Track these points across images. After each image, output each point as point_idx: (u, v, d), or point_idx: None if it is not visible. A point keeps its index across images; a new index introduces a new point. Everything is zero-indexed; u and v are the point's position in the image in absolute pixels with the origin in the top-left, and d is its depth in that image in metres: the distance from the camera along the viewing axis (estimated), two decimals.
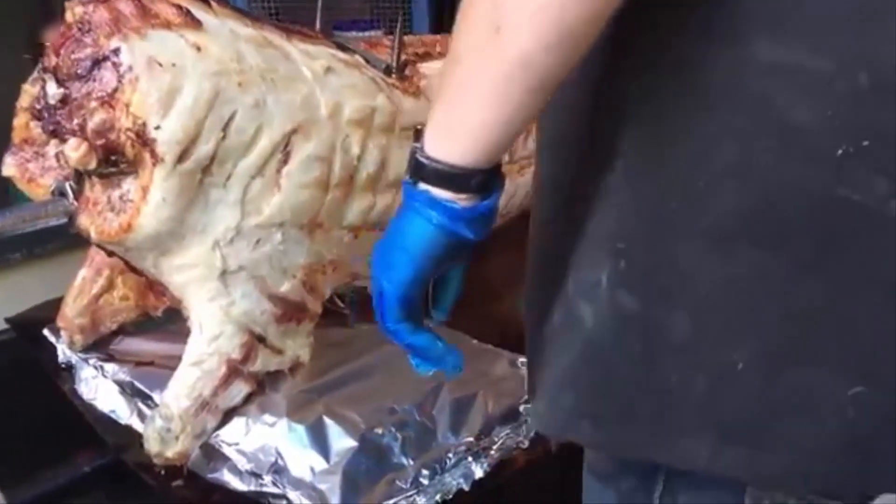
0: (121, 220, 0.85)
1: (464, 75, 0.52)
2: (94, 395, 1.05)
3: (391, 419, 0.93)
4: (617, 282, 0.57)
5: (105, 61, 0.82)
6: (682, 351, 0.56)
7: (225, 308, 0.90)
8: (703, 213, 0.53)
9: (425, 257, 0.57)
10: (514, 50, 0.49)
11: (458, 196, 0.55)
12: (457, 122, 0.53)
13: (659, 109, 0.54)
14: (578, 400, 0.60)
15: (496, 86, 0.50)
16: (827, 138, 0.50)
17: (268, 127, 0.88)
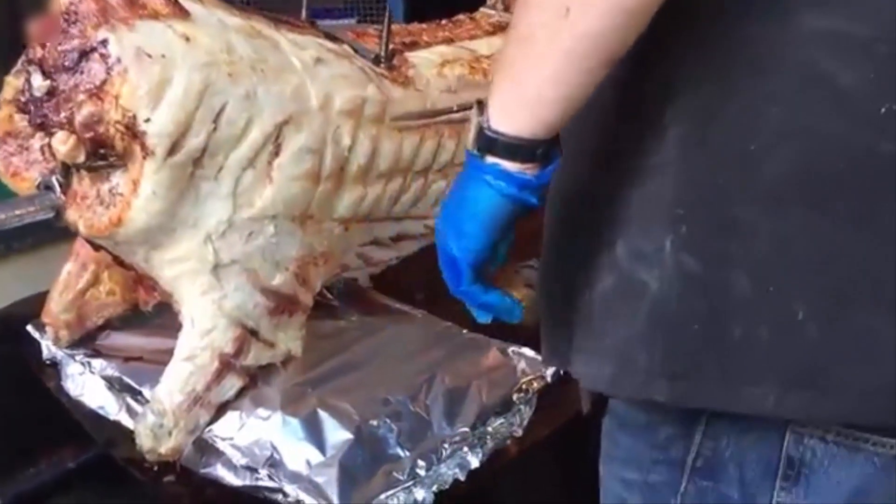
0: (110, 214, 0.84)
1: (532, 53, 0.56)
2: (82, 392, 1.04)
3: (385, 410, 0.93)
4: (680, 246, 0.60)
5: (93, 53, 0.80)
6: (744, 306, 0.59)
7: (217, 302, 0.90)
8: (756, 176, 0.57)
9: (495, 225, 0.62)
10: (581, 30, 0.53)
11: (525, 166, 0.60)
12: (524, 98, 0.57)
13: (709, 80, 0.57)
14: (652, 361, 0.63)
15: (564, 64, 0.54)
16: (870, 98, 0.54)
17: (258, 118, 0.87)
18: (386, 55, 1.03)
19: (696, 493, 0.67)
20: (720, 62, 0.57)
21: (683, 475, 0.68)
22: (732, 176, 0.58)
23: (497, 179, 0.60)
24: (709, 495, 0.67)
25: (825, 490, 0.64)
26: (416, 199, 1.07)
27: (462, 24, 1.22)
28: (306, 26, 1.00)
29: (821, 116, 0.55)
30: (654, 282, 0.61)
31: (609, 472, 0.75)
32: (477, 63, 1.11)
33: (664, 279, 0.61)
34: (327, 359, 1.02)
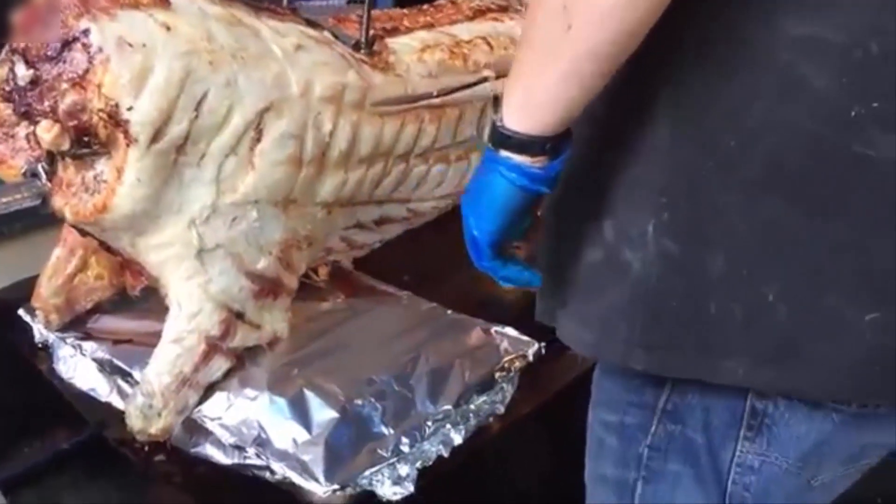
0: (95, 201, 0.86)
1: (539, 63, 0.61)
2: (73, 374, 1.06)
3: (370, 390, 0.96)
4: (662, 231, 0.66)
5: (75, 42, 0.82)
6: (719, 286, 0.65)
7: (203, 286, 0.92)
8: (737, 168, 0.62)
9: (509, 210, 0.68)
10: (582, 45, 0.58)
11: (535, 159, 0.65)
12: (534, 101, 0.63)
13: (698, 79, 0.62)
14: (631, 332, 0.68)
15: (567, 73, 0.60)
16: (843, 101, 0.58)
17: (240, 105, 0.89)
18: (366, 41, 1.04)
19: (664, 435, 0.73)
20: (709, 64, 0.62)
21: (654, 417, 0.73)
22: (714, 167, 0.63)
23: (510, 171, 0.65)
24: (676, 439, 0.73)
25: (786, 442, 0.69)
26: (397, 183, 1.09)
27: (443, 9, 1.23)
28: (287, 13, 1.01)
29: (797, 116, 0.59)
30: (636, 262, 0.67)
31: (593, 415, 0.80)
32: (457, 48, 1.12)
33: (646, 260, 0.66)
34: (314, 340, 1.04)
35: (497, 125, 0.65)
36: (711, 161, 0.63)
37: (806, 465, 0.70)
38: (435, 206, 1.18)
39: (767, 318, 0.64)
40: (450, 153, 1.14)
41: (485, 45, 1.16)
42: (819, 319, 0.63)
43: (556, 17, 0.58)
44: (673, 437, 0.72)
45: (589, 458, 0.82)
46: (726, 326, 0.65)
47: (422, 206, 1.16)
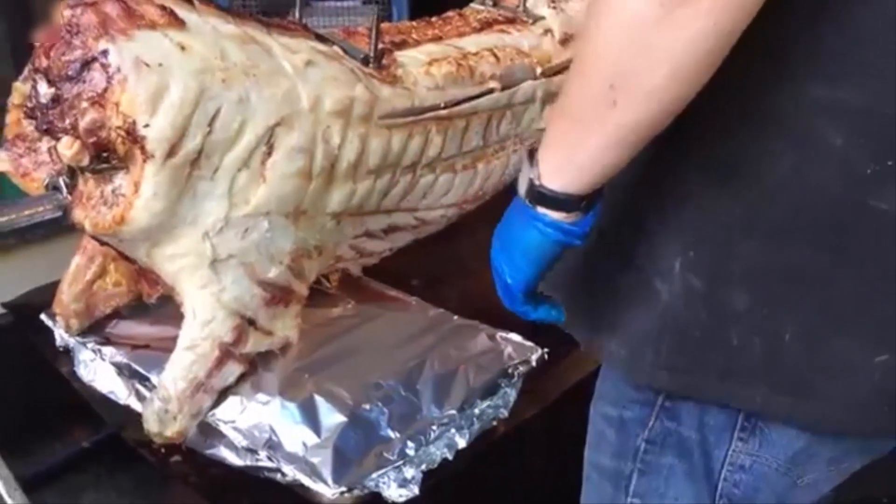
0: (114, 214, 0.89)
1: (580, 132, 0.65)
2: (93, 377, 1.10)
3: (377, 394, 0.99)
4: (688, 268, 0.70)
5: (94, 62, 0.85)
6: (740, 321, 0.69)
7: (216, 294, 0.95)
8: (761, 217, 0.66)
9: (543, 261, 0.72)
10: (626, 120, 0.61)
11: (569, 215, 0.69)
12: (574, 164, 0.66)
13: (727, 137, 0.67)
14: (657, 357, 0.73)
15: (609, 143, 0.63)
16: (859, 160, 0.62)
17: (252, 121, 0.92)
18: (375, 55, 1.07)
19: (661, 430, 0.77)
20: (737, 125, 0.66)
21: (653, 414, 0.78)
22: (740, 215, 0.67)
23: (546, 227, 0.69)
24: (672, 435, 0.77)
25: (777, 445, 0.73)
26: (405, 193, 1.12)
27: (451, 21, 1.25)
28: (298, 29, 1.04)
29: (817, 173, 0.64)
30: (665, 292, 0.72)
31: (595, 408, 0.85)
32: (464, 60, 1.15)
33: (673, 292, 0.71)
34: (323, 345, 1.08)
35: (535, 183, 0.68)
36: (738, 209, 0.67)
37: (794, 465, 0.74)
38: (442, 214, 1.21)
39: (784, 355, 0.69)
40: (456, 163, 1.17)
41: (491, 56, 1.19)
42: (831, 359, 0.68)
43: (602, 93, 0.61)
44: (669, 433, 0.77)
45: (588, 448, 0.86)
46: (746, 357, 0.70)
47: (429, 215, 1.19)
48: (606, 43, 0.60)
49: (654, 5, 0.56)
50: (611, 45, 0.60)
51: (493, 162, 1.22)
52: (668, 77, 0.58)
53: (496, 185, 1.25)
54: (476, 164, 1.20)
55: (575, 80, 0.64)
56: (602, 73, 0.61)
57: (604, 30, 0.60)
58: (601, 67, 0.61)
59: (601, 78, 0.61)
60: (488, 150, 1.21)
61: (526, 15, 1.31)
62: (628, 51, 0.58)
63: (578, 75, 0.64)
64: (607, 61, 0.60)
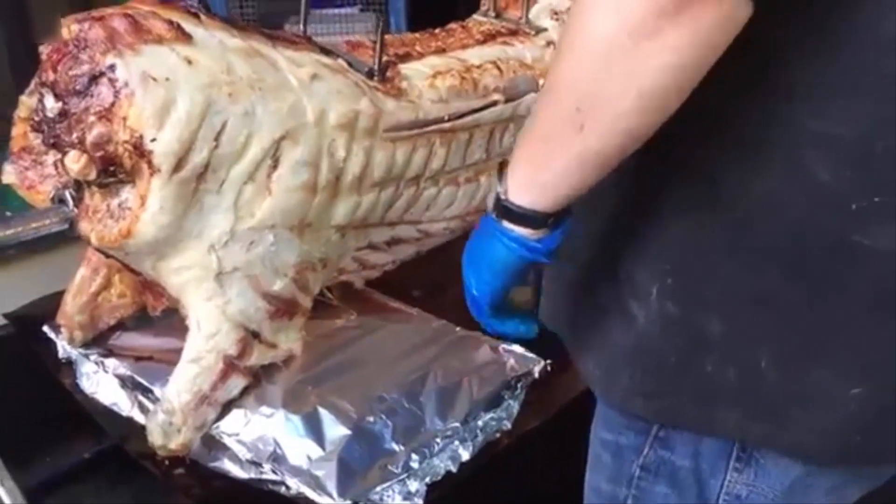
0: (120, 227, 0.90)
1: (547, 150, 0.64)
2: (96, 389, 1.10)
3: (381, 407, 0.99)
4: (664, 294, 0.70)
5: (102, 77, 0.85)
6: (715, 347, 0.69)
7: (221, 307, 0.95)
8: (739, 245, 0.65)
9: (508, 275, 0.72)
10: (593, 145, 0.61)
11: (535, 232, 0.68)
12: (539, 181, 0.66)
13: (708, 160, 0.66)
14: (633, 381, 0.73)
15: (575, 165, 0.63)
16: (845, 194, 0.61)
17: (257, 135, 0.92)
18: (379, 68, 1.08)
19: (655, 458, 0.77)
20: (721, 151, 0.65)
21: (647, 441, 0.77)
22: (719, 242, 0.67)
23: (511, 241, 0.69)
24: (666, 464, 0.77)
25: (773, 475, 0.73)
26: (408, 206, 1.12)
27: (454, 33, 1.26)
28: (303, 42, 1.04)
29: (799, 204, 0.63)
30: (641, 317, 0.72)
31: (594, 431, 0.85)
32: (467, 73, 1.15)
33: (649, 317, 0.71)
34: (327, 357, 1.08)
35: (500, 197, 0.68)
36: (716, 236, 0.67)
37: (792, 495, 0.73)
38: (445, 227, 1.21)
39: (759, 381, 0.68)
40: (459, 175, 1.18)
41: (495, 69, 1.19)
42: (807, 389, 0.67)
43: (570, 115, 0.60)
44: (663, 462, 0.77)
45: (588, 469, 0.87)
46: (721, 384, 0.70)
47: (432, 228, 1.19)
48: (576, 65, 0.60)
49: (623, 35, 0.55)
50: (580, 68, 0.59)
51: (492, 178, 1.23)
52: (635, 105, 0.58)
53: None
54: (479, 177, 1.20)
55: (544, 99, 0.64)
56: (570, 96, 0.60)
57: (575, 52, 0.60)
58: (570, 89, 0.61)
59: (569, 100, 0.60)
60: (491, 162, 1.21)
61: (528, 26, 1.31)
62: (596, 76, 0.58)
63: (548, 94, 0.64)
64: (576, 84, 0.60)
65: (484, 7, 1.39)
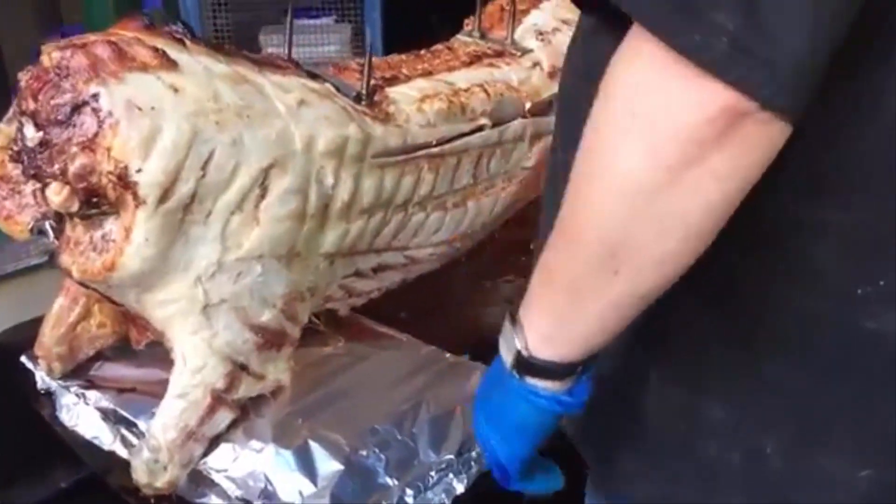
0: (104, 260, 0.87)
1: (574, 300, 0.58)
2: (76, 422, 1.07)
3: (374, 440, 0.97)
4: (665, 378, 0.68)
5: (85, 106, 0.83)
6: (719, 434, 0.66)
7: (208, 340, 0.93)
8: (741, 331, 0.63)
9: (539, 434, 0.66)
10: (631, 289, 0.56)
11: (563, 383, 0.63)
12: (570, 335, 0.60)
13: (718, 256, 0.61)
14: (636, 464, 0.71)
15: (611, 310, 0.57)
16: (850, 280, 0.59)
17: (245, 164, 0.90)
18: (367, 93, 1.06)
19: None
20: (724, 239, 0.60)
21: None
22: (721, 328, 0.64)
23: (539, 399, 0.63)
24: None
25: None
26: (397, 232, 1.11)
27: (440, 55, 1.25)
28: (289, 66, 1.02)
29: (804, 293, 0.61)
30: (642, 401, 0.69)
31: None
32: (455, 97, 1.14)
33: (651, 401, 0.69)
34: (316, 388, 1.06)
35: (522, 353, 0.62)
36: (718, 323, 0.64)
37: None
38: (432, 252, 1.19)
39: (764, 468, 0.66)
40: (447, 200, 1.16)
41: (482, 92, 1.18)
42: (814, 475, 0.65)
43: (601, 262, 0.55)
44: None
45: None
46: (725, 468, 0.67)
47: (419, 254, 1.18)
48: (604, 209, 0.54)
49: (660, 171, 0.50)
50: (608, 214, 0.53)
51: (483, 199, 1.21)
52: (682, 242, 0.53)
53: (485, 223, 1.25)
54: (466, 202, 1.19)
55: (563, 246, 0.58)
56: (600, 242, 0.54)
57: (597, 195, 0.54)
58: (598, 236, 0.54)
59: (599, 247, 0.54)
60: (478, 187, 1.20)
61: (514, 47, 1.30)
62: (631, 220, 0.52)
63: (567, 242, 0.57)
64: (606, 230, 0.54)
65: (468, 27, 1.38)
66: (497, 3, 1.41)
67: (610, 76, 0.53)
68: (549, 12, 1.37)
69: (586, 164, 0.55)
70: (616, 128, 0.52)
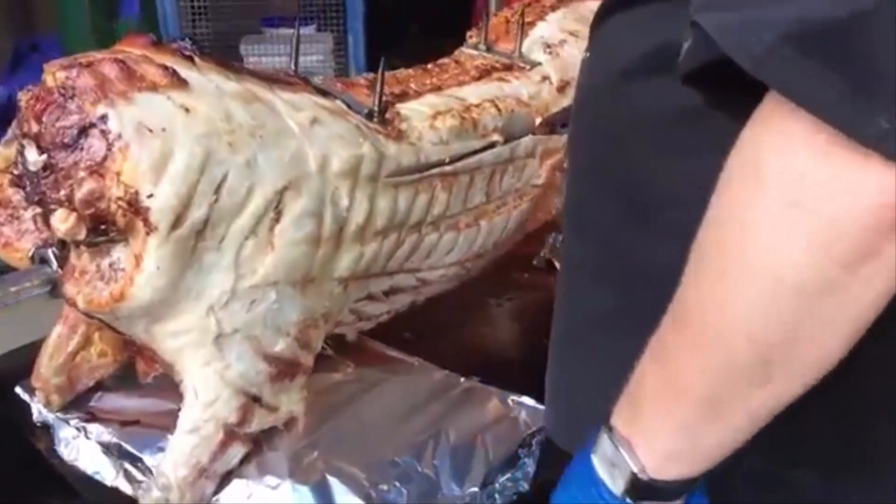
0: (112, 290, 0.82)
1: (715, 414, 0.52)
2: (76, 457, 1.01)
3: (394, 472, 0.93)
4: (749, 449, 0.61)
5: (92, 129, 0.79)
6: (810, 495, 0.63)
7: (220, 372, 0.88)
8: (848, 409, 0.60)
9: None
10: (778, 398, 0.50)
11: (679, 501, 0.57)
12: (700, 451, 0.54)
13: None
14: None
15: (750, 422, 0.52)
16: None
17: (259, 186, 0.86)
18: (379, 110, 1.02)
19: None
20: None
21: None
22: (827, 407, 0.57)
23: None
24: None
25: None
26: (410, 253, 1.07)
27: (448, 69, 1.21)
28: (299, 83, 0.98)
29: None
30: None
31: None
32: (467, 113, 1.10)
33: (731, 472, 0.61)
34: (329, 417, 1.01)
35: (640, 477, 0.55)
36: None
37: None
38: (443, 273, 1.16)
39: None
40: (460, 220, 1.13)
41: (493, 108, 1.15)
42: None
43: (751, 370, 0.49)
44: None
45: None
46: None
47: (431, 275, 1.14)
48: (755, 314, 0.48)
49: (833, 267, 0.45)
50: (765, 318, 0.48)
51: (495, 218, 1.18)
52: (847, 340, 0.48)
53: (497, 243, 1.21)
54: (479, 221, 1.15)
55: (695, 352, 0.51)
56: (752, 351, 0.49)
57: (749, 297, 0.48)
58: (749, 343, 0.49)
59: (749, 355, 0.49)
60: (490, 206, 1.16)
61: (522, 61, 1.27)
62: (795, 323, 0.47)
63: (701, 348, 0.51)
64: (760, 336, 0.48)
65: (472, 39, 1.34)
66: (502, 16, 1.38)
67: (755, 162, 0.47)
68: (556, 24, 1.33)
69: (726, 259, 0.49)
70: (773, 221, 0.46)
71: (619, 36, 0.68)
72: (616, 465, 0.56)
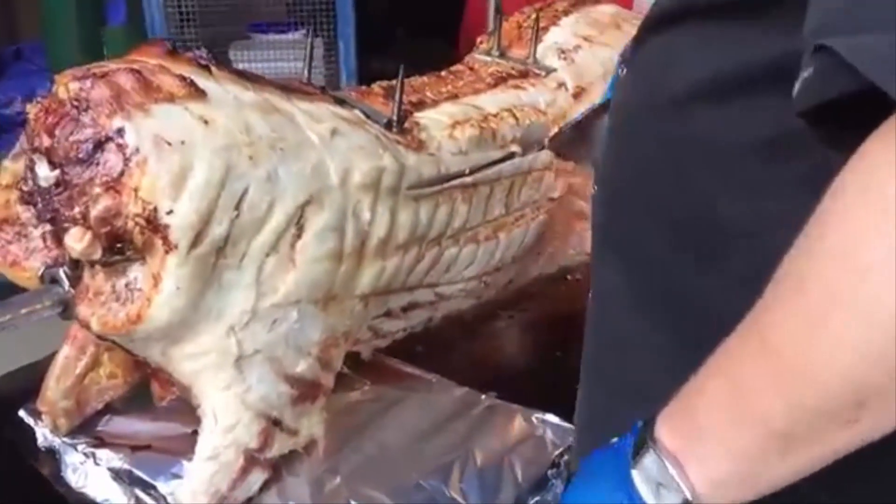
0: (129, 311, 0.78)
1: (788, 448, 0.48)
2: (84, 483, 0.97)
3: (420, 497, 0.90)
4: None
5: (108, 143, 0.75)
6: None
7: (241, 395, 0.85)
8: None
9: None
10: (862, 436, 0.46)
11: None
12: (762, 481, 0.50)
13: None
14: None
15: (825, 459, 0.48)
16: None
17: (280, 201, 0.82)
18: (398, 119, 0.99)
19: None
20: None
21: None
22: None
23: None
24: None
25: None
26: (430, 268, 1.03)
27: (462, 76, 1.18)
28: (317, 93, 0.95)
29: None
30: None
31: None
32: (485, 122, 1.07)
33: None
34: (349, 439, 0.98)
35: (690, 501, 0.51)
36: None
37: None
38: (462, 288, 1.12)
39: None
40: (479, 233, 1.09)
41: (511, 118, 1.11)
42: None
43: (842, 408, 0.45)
44: None
45: None
46: None
47: (449, 290, 1.10)
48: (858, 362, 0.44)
49: None
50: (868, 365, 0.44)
51: (514, 231, 1.14)
52: None
53: (515, 256, 1.17)
54: (498, 234, 1.12)
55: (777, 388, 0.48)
56: (847, 390, 0.45)
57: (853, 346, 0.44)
58: (846, 387, 0.45)
59: (843, 393, 0.45)
60: (509, 218, 1.13)
61: (537, 67, 1.24)
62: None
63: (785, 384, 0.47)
64: (858, 382, 0.44)
65: (484, 45, 1.31)
66: (513, 21, 1.35)
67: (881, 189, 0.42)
68: (570, 29, 1.30)
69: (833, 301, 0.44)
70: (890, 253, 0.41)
71: (673, 55, 0.63)
72: (664, 485, 0.52)
